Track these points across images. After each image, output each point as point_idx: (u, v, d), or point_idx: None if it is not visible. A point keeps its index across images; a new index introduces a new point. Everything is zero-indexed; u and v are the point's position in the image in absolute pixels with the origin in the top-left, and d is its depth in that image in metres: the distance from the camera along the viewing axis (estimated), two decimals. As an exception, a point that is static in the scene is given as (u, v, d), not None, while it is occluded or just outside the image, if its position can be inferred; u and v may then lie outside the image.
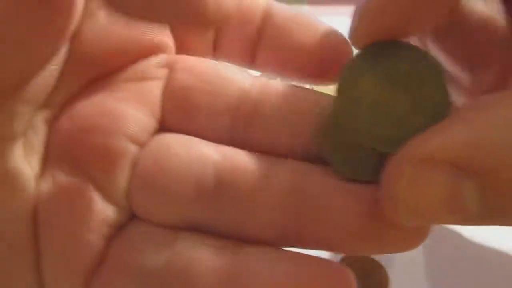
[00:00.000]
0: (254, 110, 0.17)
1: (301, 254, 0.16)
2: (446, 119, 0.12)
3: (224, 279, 0.15)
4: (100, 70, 0.17)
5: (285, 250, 0.16)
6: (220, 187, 0.16)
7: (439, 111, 0.13)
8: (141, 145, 0.17)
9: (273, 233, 0.16)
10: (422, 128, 0.13)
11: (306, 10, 0.37)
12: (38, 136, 0.17)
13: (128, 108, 0.17)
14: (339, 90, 0.14)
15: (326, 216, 0.16)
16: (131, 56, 0.17)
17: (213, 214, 0.16)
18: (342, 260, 0.26)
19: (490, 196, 0.12)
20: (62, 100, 0.17)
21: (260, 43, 0.19)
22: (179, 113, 0.18)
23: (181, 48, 0.19)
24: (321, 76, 0.18)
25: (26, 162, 0.16)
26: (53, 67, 0.16)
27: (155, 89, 0.18)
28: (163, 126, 0.18)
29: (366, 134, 0.14)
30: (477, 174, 0.12)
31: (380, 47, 0.14)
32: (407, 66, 0.14)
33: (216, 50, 0.20)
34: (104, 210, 0.16)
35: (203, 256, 0.16)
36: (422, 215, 0.13)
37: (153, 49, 0.18)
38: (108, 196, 0.17)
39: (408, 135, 0.13)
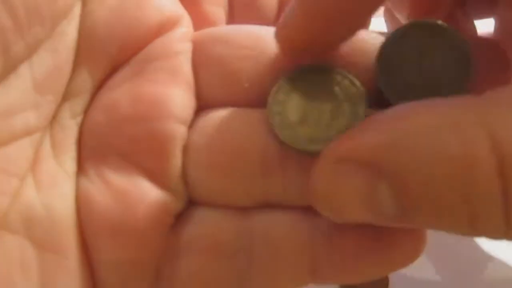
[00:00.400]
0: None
1: None
2: (364, 121, 0.13)
3: (308, 238, 0.15)
4: (121, 52, 0.16)
5: None
6: (286, 156, 0.15)
7: (354, 116, 0.15)
8: (188, 125, 0.16)
9: None
10: (343, 130, 0.15)
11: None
12: (67, 133, 0.16)
13: (165, 88, 0.16)
14: (268, 107, 0.16)
15: None
16: (150, 33, 0.16)
17: (280, 187, 0.15)
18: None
19: (402, 198, 0.12)
20: (87, 90, 0.16)
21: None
22: (220, 84, 0.16)
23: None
24: None
25: (56, 162, 0.15)
26: (63, 52, 0.15)
27: (184, 64, 0.16)
28: (203, 102, 0.17)
29: (296, 143, 0.15)
30: (389, 176, 0.12)
31: (302, 72, 0.16)
32: (326, 84, 0.16)
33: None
34: (161, 200, 0.15)
35: (282, 223, 0.15)
36: (341, 211, 0.13)
37: (169, 24, 0.17)
38: (163, 185, 0.15)
39: (331, 137, 0.15)
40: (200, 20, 0.18)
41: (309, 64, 0.16)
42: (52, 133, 0.15)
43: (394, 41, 0.16)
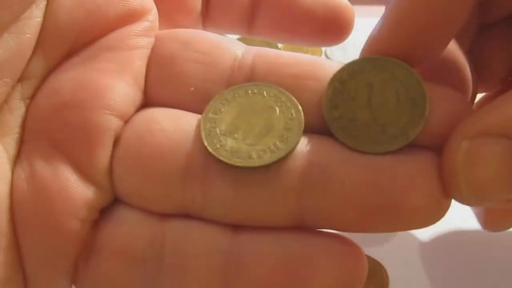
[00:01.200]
0: (249, 78, 0.16)
1: (303, 230, 0.15)
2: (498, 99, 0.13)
3: (221, 257, 0.14)
4: (78, 38, 0.16)
5: (287, 228, 0.15)
6: (211, 164, 0.15)
7: (288, 129, 0.15)
8: (125, 119, 0.16)
9: (276, 215, 0.15)
10: (265, 151, 0.15)
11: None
12: (14, 114, 0.15)
13: (110, 79, 0.16)
14: (204, 114, 0.16)
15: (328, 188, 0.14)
16: (112, 22, 0.16)
17: (200, 197, 0.15)
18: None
19: None
20: (40, 73, 0.16)
21: (259, 8, 0.18)
22: (168, 84, 0.16)
23: (167, 22, 0.18)
24: (322, 37, 0.18)
25: (0, 143, 0.15)
26: (28, 36, 0.15)
27: (139, 58, 0.16)
28: (150, 99, 0.16)
29: (219, 154, 0.15)
30: None
31: (248, 86, 0.16)
32: (267, 103, 0.16)
33: (206, 22, 0.18)
34: (83, 193, 0.15)
35: (196, 237, 0.15)
36: (484, 188, 0.13)
37: (134, 16, 0.16)
38: (88, 177, 0.15)
39: (252, 155, 0.15)
40: (177, 7, 0.18)
41: (256, 82, 0.16)
42: (1, 114, 0.15)
43: (346, 74, 0.15)
